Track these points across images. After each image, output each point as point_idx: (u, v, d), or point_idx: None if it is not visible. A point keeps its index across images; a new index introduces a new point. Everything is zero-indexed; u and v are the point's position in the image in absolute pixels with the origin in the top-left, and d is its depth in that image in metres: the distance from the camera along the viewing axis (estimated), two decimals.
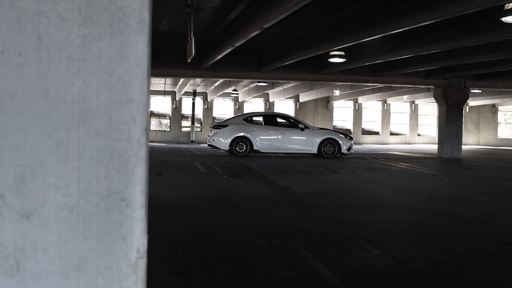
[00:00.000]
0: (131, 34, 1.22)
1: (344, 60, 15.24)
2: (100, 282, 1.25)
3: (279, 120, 19.24)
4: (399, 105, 37.55)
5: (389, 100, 35.21)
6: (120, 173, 1.22)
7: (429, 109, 37.75)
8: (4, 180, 1.21)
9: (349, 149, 18.62)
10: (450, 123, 20.48)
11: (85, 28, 1.21)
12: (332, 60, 15.24)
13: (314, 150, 18.41)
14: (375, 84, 21.52)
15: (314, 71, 19.25)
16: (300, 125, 18.74)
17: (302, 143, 18.48)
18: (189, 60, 11.22)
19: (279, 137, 18.36)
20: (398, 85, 22.43)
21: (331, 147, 18.38)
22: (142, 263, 1.26)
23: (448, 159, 19.55)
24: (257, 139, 18.29)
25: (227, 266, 4.70)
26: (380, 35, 10.87)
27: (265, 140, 18.35)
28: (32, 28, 1.21)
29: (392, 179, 12.06)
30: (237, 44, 11.94)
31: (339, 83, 23.04)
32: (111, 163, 1.22)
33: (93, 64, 1.22)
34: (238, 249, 5.30)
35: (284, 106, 34.99)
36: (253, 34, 10.40)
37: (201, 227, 6.27)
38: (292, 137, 18.44)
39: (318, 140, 18.34)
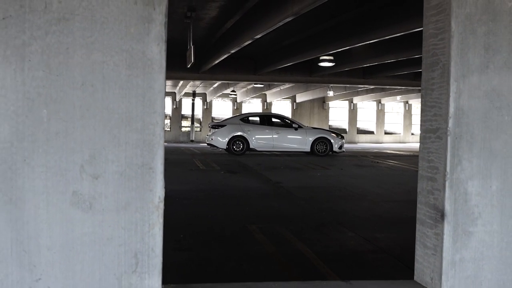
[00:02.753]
0: (155, 74, 2.13)
1: (333, 64, 16.14)
2: (138, 216, 2.15)
3: (274, 120, 20.07)
4: (396, 105, 38.30)
5: (383, 100, 35.98)
6: (149, 153, 2.13)
7: None
8: (84, 157, 2.11)
9: (340, 147, 19.47)
10: None
11: (129, 70, 2.12)
12: (322, 64, 16.13)
13: (307, 148, 19.25)
14: (366, 86, 22.38)
15: (307, 73, 20.12)
16: (294, 125, 19.58)
17: (296, 142, 19.31)
18: (188, 66, 12.11)
19: (274, 136, 19.18)
20: (388, 86, 23.30)
21: (323, 145, 19.22)
22: (161, 205, 2.17)
23: None
24: (253, 138, 19.13)
25: (221, 244, 5.54)
26: (363, 43, 11.77)
27: (261, 139, 19.19)
28: (99, 70, 2.12)
29: (377, 174, 12.94)
30: (232, 51, 12.85)
31: (332, 85, 23.90)
32: (144, 147, 2.13)
33: (134, 91, 2.13)
34: (231, 231, 6.14)
35: (282, 106, 35.72)
36: (246, 43, 11.31)
37: (199, 215, 7.11)
38: (287, 136, 19.26)
39: (311, 139, 19.17)
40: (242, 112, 31.14)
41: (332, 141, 19.30)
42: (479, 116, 2.37)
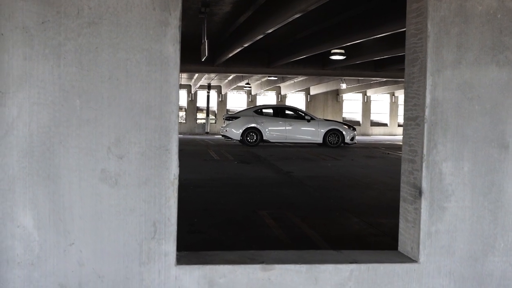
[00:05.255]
0: (170, 69, 2.50)
1: (344, 57, 16.43)
2: (156, 190, 2.52)
3: (287, 112, 20.45)
4: None
5: (397, 93, 36.06)
6: (166, 136, 2.50)
7: None
8: (110, 140, 2.49)
9: (352, 139, 19.79)
10: None
11: (148, 66, 2.49)
12: (334, 57, 16.44)
13: (319, 140, 19.59)
14: (378, 79, 22.61)
15: (320, 66, 20.41)
16: (306, 117, 19.94)
17: (309, 133, 19.66)
18: (202, 60, 12.51)
19: (287, 128, 19.55)
20: (400, 79, 23.49)
21: (335, 137, 19.54)
22: (176, 181, 2.54)
23: None
24: (267, 130, 19.50)
25: (232, 227, 5.91)
26: (372, 37, 12.07)
27: (274, 131, 19.56)
28: (123, 67, 2.48)
29: (387, 165, 13.23)
30: (245, 45, 13.22)
31: (344, 78, 24.16)
32: (161, 132, 2.50)
33: (152, 84, 2.49)
34: (242, 216, 6.51)
35: (296, 98, 35.97)
36: (258, 38, 11.67)
37: (212, 201, 7.50)
38: (299, 128, 19.62)
39: (323, 131, 19.52)
40: (257, 104, 31.48)
41: (344, 132, 19.61)
42: (453, 105, 2.72)
